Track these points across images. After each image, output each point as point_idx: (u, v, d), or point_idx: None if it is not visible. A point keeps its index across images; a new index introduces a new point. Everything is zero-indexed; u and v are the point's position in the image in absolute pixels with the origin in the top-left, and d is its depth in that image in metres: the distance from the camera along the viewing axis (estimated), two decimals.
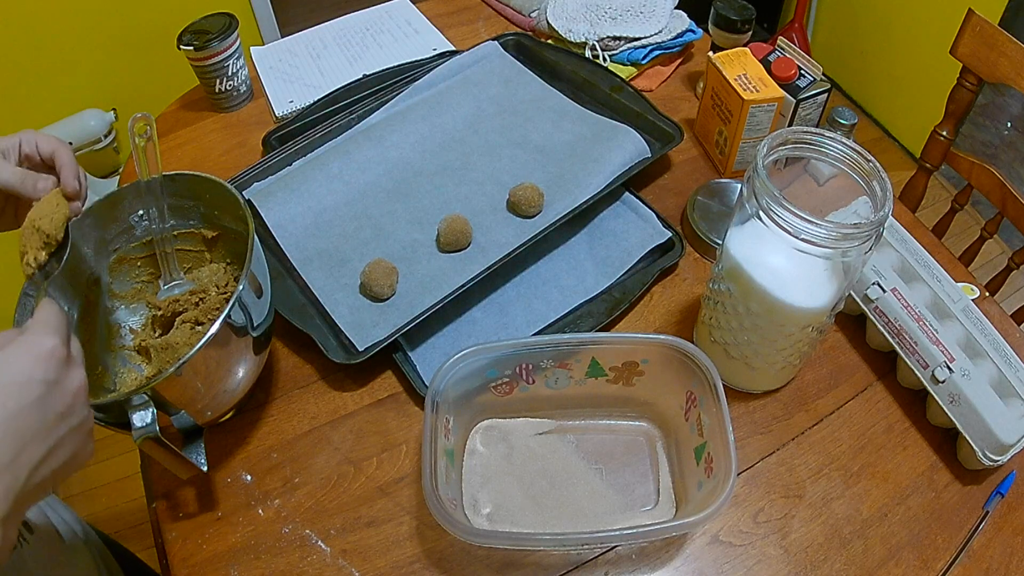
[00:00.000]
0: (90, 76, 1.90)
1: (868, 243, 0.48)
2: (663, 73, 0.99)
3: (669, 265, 0.72)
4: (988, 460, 0.56)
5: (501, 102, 0.88)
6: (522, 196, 0.73)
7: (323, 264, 0.71)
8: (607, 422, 0.62)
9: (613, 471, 0.59)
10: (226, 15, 0.91)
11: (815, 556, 0.55)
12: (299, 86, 0.96)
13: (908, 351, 0.61)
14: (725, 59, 0.80)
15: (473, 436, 0.61)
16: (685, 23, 0.99)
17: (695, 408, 0.55)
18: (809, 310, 0.54)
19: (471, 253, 0.71)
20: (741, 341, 0.58)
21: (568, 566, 0.55)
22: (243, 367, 0.55)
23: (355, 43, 1.04)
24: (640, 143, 0.80)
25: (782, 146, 0.51)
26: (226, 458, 0.61)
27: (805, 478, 0.59)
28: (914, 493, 0.59)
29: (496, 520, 0.56)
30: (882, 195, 0.48)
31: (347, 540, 0.56)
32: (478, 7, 1.13)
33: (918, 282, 0.64)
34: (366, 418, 0.63)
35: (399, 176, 0.80)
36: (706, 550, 0.56)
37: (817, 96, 0.81)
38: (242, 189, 0.78)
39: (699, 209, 0.76)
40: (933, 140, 1.03)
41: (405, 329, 0.64)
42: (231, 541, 0.56)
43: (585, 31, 0.98)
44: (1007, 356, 0.59)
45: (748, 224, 0.52)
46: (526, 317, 0.69)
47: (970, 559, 0.55)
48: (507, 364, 0.57)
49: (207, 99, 0.94)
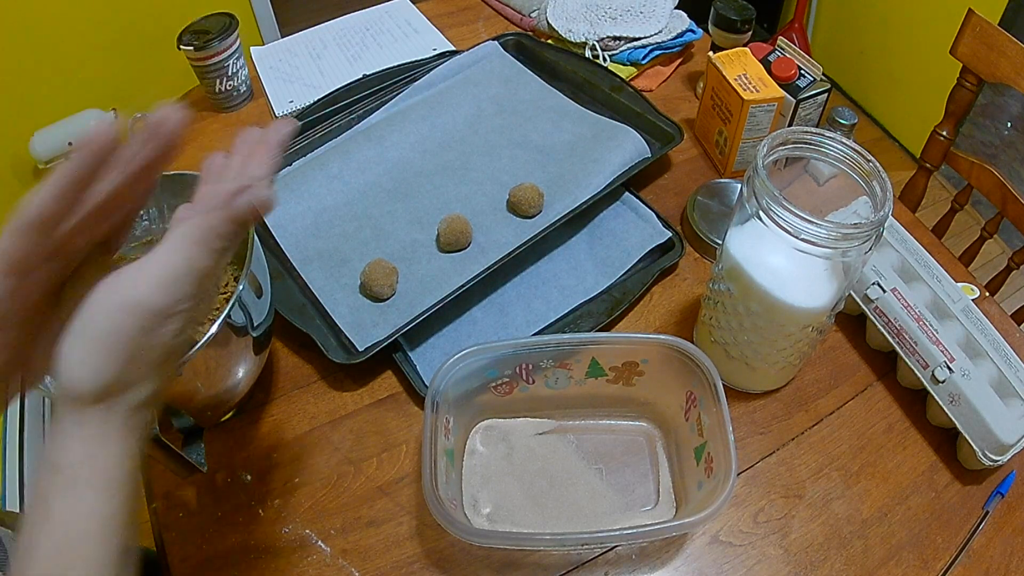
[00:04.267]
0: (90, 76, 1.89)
1: (868, 243, 0.48)
2: (663, 73, 0.99)
3: (669, 265, 0.72)
4: (988, 460, 0.56)
5: (501, 102, 0.88)
6: (522, 196, 0.73)
7: (323, 264, 0.71)
8: (607, 422, 0.62)
9: (613, 471, 0.59)
10: (226, 15, 0.91)
11: (815, 556, 0.55)
12: (299, 86, 0.96)
13: (908, 351, 0.61)
14: (725, 59, 0.80)
15: (473, 436, 0.61)
16: (685, 23, 0.99)
17: (695, 408, 0.55)
18: (809, 310, 0.54)
19: (471, 253, 0.71)
20: (741, 341, 0.58)
21: (568, 566, 0.55)
22: (243, 367, 0.55)
23: (355, 43, 1.04)
24: (640, 143, 0.80)
25: (782, 146, 0.51)
26: (226, 458, 0.61)
27: (805, 478, 0.59)
28: (914, 493, 0.59)
29: (496, 520, 0.56)
30: (882, 195, 0.48)
31: (347, 540, 0.56)
32: (478, 7, 1.13)
33: (918, 282, 0.64)
34: (366, 418, 0.63)
35: (399, 176, 0.80)
36: (706, 550, 0.56)
37: (817, 96, 0.81)
38: None
39: (699, 209, 0.76)
40: (933, 140, 1.03)
41: (405, 329, 0.64)
42: (231, 541, 0.56)
43: (585, 31, 0.98)
44: (1007, 356, 0.59)
45: (748, 224, 0.52)
46: (526, 317, 0.69)
47: (970, 559, 0.55)
48: (507, 364, 0.57)
49: (207, 99, 0.94)
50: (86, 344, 0.30)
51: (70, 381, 0.30)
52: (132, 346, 0.30)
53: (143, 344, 0.31)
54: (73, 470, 0.30)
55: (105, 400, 0.31)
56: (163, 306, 0.31)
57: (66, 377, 0.30)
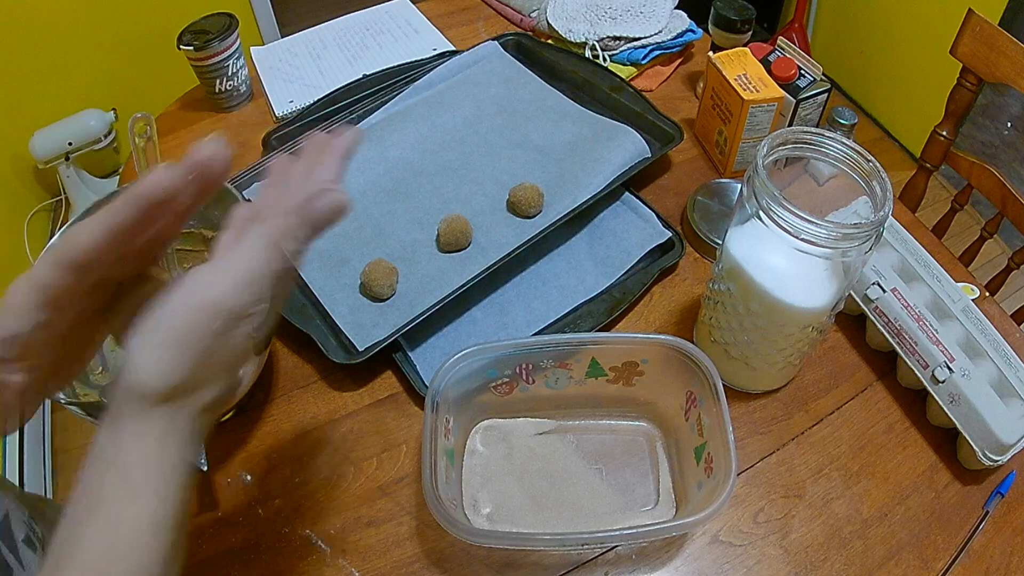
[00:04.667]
0: (90, 76, 1.90)
1: (868, 243, 0.48)
2: (663, 73, 0.99)
3: (669, 265, 0.72)
4: (988, 460, 0.56)
5: (501, 102, 0.88)
6: (522, 196, 0.73)
7: (323, 264, 0.71)
8: (607, 422, 0.62)
9: (613, 471, 0.59)
10: (226, 15, 0.91)
11: (815, 556, 0.55)
12: (299, 86, 0.96)
13: (908, 351, 0.61)
14: (725, 59, 0.80)
15: (473, 436, 0.61)
16: (685, 23, 0.99)
17: (695, 408, 0.55)
18: (809, 310, 0.54)
19: (471, 253, 0.71)
20: (741, 341, 0.58)
21: (568, 566, 0.55)
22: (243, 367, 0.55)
23: (355, 43, 1.04)
24: (640, 143, 0.80)
25: (782, 146, 0.51)
26: (226, 458, 0.61)
27: (805, 478, 0.59)
28: (914, 493, 0.59)
29: (496, 520, 0.56)
30: (882, 195, 0.48)
31: (347, 540, 0.56)
32: (478, 7, 1.13)
33: (918, 282, 0.64)
34: (366, 418, 0.63)
35: (399, 176, 0.80)
36: (706, 550, 0.56)
37: (817, 96, 0.81)
38: (242, 189, 0.78)
39: (699, 209, 0.76)
40: (933, 140, 1.03)
41: (405, 329, 0.64)
42: (231, 541, 0.56)
43: (585, 31, 0.98)
44: (1007, 356, 0.59)
45: (748, 224, 0.52)
46: (526, 317, 0.69)
47: (970, 559, 0.55)
48: (507, 364, 0.57)
49: (207, 99, 0.94)
50: (159, 343, 0.30)
51: (138, 379, 0.30)
52: (205, 347, 0.30)
53: (216, 346, 0.31)
54: (129, 469, 0.30)
55: (171, 401, 0.30)
56: (239, 308, 0.31)
57: (134, 375, 0.30)
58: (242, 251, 0.32)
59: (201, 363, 0.30)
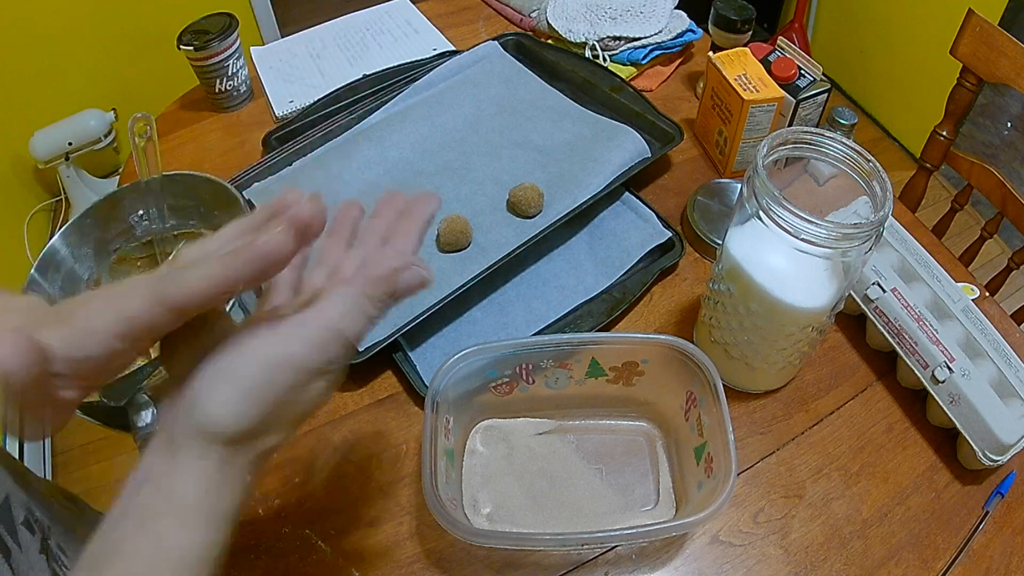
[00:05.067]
0: (90, 76, 1.90)
1: (868, 243, 0.48)
2: (663, 73, 0.99)
3: (669, 265, 0.72)
4: (988, 460, 0.56)
5: (501, 102, 0.88)
6: (522, 196, 0.73)
7: None
8: (607, 422, 0.62)
9: (613, 471, 0.59)
10: (226, 15, 0.91)
11: (815, 556, 0.55)
12: (299, 86, 0.96)
13: (908, 351, 0.61)
14: (725, 59, 0.80)
15: (473, 436, 0.61)
16: (685, 23, 0.99)
17: (695, 408, 0.55)
18: (809, 310, 0.54)
19: (471, 253, 0.71)
20: (741, 341, 0.58)
21: (568, 566, 0.55)
22: None
23: (355, 43, 1.04)
24: (640, 143, 0.80)
25: (782, 146, 0.51)
26: None
27: (805, 478, 0.59)
28: (914, 493, 0.59)
29: (496, 520, 0.56)
30: (882, 195, 0.48)
31: (347, 540, 0.56)
32: (478, 7, 1.13)
33: (918, 282, 0.64)
34: (366, 418, 0.63)
35: (399, 176, 0.80)
36: (706, 550, 0.56)
37: (817, 96, 0.81)
38: (242, 189, 0.78)
39: (699, 209, 0.76)
40: (933, 140, 1.03)
41: (405, 329, 0.64)
42: (231, 541, 0.56)
43: (585, 31, 0.98)
44: (1007, 356, 0.59)
45: (748, 224, 0.52)
46: (526, 317, 0.69)
47: (970, 559, 0.55)
48: (507, 364, 0.57)
49: (207, 99, 0.94)
50: (234, 389, 0.31)
51: (209, 419, 0.30)
52: (280, 400, 0.31)
53: (290, 399, 0.32)
54: (184, 501, 0.30)
55: (237, 444, 0.31)
56: (317, 366, 0.32)
57: (203, 414, 0.30)
58: (322, 310, 0.33)
59: (272, 414, 0.32)
